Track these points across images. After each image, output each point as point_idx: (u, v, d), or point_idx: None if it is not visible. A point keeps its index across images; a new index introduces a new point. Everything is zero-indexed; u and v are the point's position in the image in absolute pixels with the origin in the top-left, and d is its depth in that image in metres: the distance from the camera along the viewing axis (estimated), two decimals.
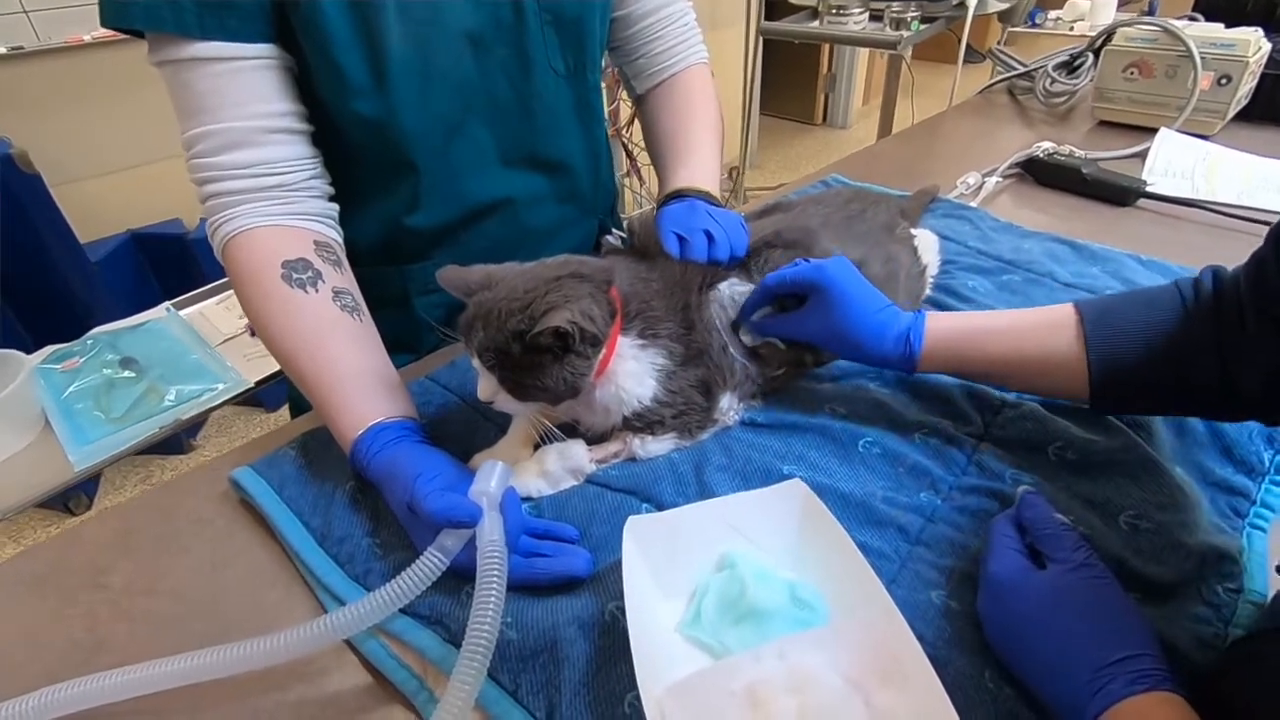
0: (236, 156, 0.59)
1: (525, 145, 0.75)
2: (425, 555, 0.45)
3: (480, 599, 0.42)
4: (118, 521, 0.61)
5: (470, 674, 0.40)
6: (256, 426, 2.08)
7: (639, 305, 0.57)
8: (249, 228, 0.60)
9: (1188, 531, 0.50)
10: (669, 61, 0.84)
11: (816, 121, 4.08)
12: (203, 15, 0.56)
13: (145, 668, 0.43)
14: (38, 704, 0.42)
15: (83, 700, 0.43)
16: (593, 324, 0.51)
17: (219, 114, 0.58)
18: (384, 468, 0.53)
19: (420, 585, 0.44)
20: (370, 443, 0.55)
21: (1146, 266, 0.82)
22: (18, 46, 1.59)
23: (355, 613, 0.44)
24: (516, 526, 0.49)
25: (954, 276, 0.81)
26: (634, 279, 0.59)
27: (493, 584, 0.43)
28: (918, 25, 2.12)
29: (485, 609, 0.42)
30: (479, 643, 0.41)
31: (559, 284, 0.52)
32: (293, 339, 0.59)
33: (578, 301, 0.51)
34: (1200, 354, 0.50)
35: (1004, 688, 0.42)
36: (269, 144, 0.60)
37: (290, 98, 0.62)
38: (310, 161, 0.64)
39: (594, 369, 0.54)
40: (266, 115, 0.60)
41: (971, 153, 1.18)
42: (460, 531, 0.46)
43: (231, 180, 0.60)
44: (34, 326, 1.62)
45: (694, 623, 0.46)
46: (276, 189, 0.61)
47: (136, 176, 1.85)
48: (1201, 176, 1.03)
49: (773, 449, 0.59)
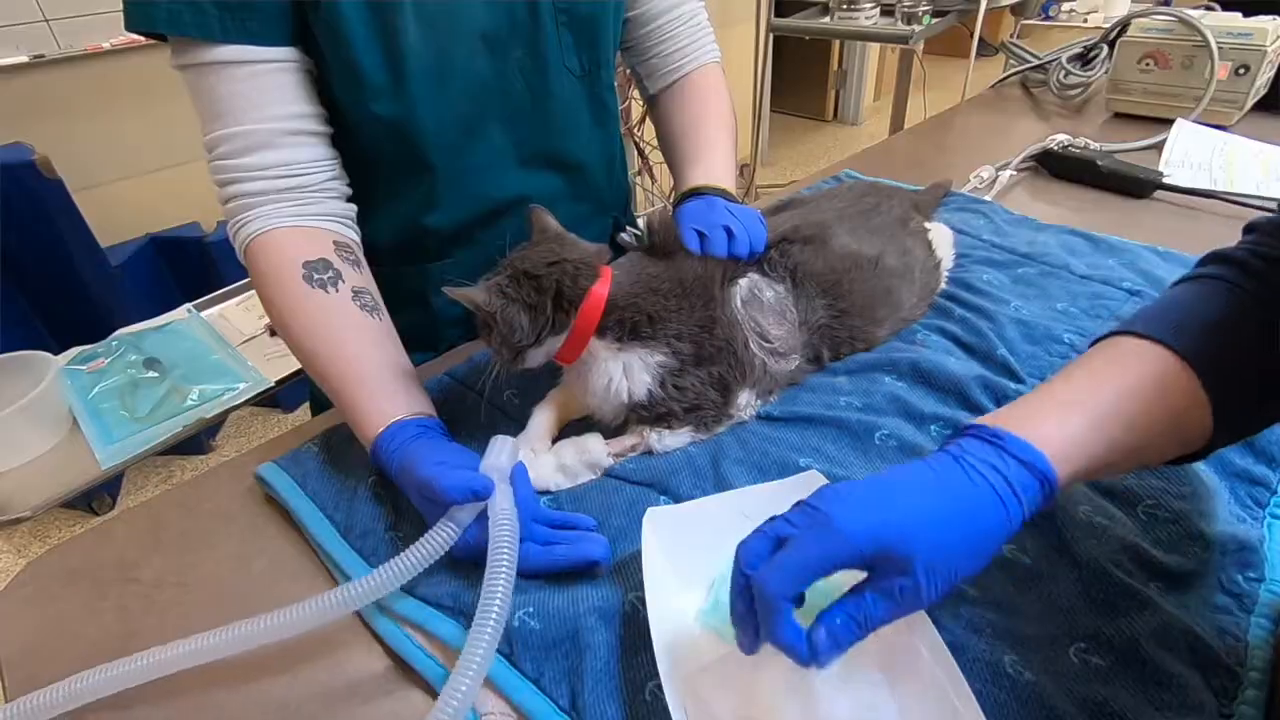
0: (257, 159, 0.60)
1: (541, 144, 0.76)
2: (437, 526, 0.48)
3: (493, 561, 0.44)
4: (146, 518, 0.62)
5: (486, 634, 0.41)
6: (274, 427, 2.11)
7: (629, 314, 0.58)
8: (270, 229, 0.61)
9: (1206, 521, 0.50)
10: (682, 61, 0.85)
11: (827, 118, 4.07)
12: (224, 19, 0.57)
13: (172, 647, 0.45)
14: (67, 692, 0.44)
15: (107, 687, 0.45)
16: (510, 328, 0.55)
17: (240, 117, 0.59)
18: (403, 461, 0.54)
19: (431, 556, 0.47)
20: (390, 439, 0.56)
21: (1164, 258, 0.82)
22: (39, 55, 1.62)
23: (369, 584, 0.46)
24: (526, 499, 0.52)
25: (969, 270, 0.81)
26: (636, 285, 0.59)
27: (504, 550, 0.45)
28: (929, 19, 2.11)
29: (498, 572, 0.44)
30: (492, 605, 0.43)
31: (518, 279, 0.56)
32: (314, 339, 0.60)
33: (510, 303, 0.55)
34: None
35: (1024, 673, 0.42)
36: (289, 146, 0.61)
37: (310, 100, 0.63)
38: (329, 163, 0.65)
39: (524, 352, 0.57)
40: (287, 118, 0.61)
41: (985, 147, 1.18)
42: (472, 505, 0.48)
43: (252, 182, 0.61)
44: (58, 329, 1.65)
45: (713, 611, 0.47)
46: (296, 190, 0.62)
47: (156, 181, 1.87)
48: (1220, 167, 1.03)
49: (789, 442, 0.60)
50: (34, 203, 1.49)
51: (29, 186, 1.47)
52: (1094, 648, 0.43)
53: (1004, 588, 0.47)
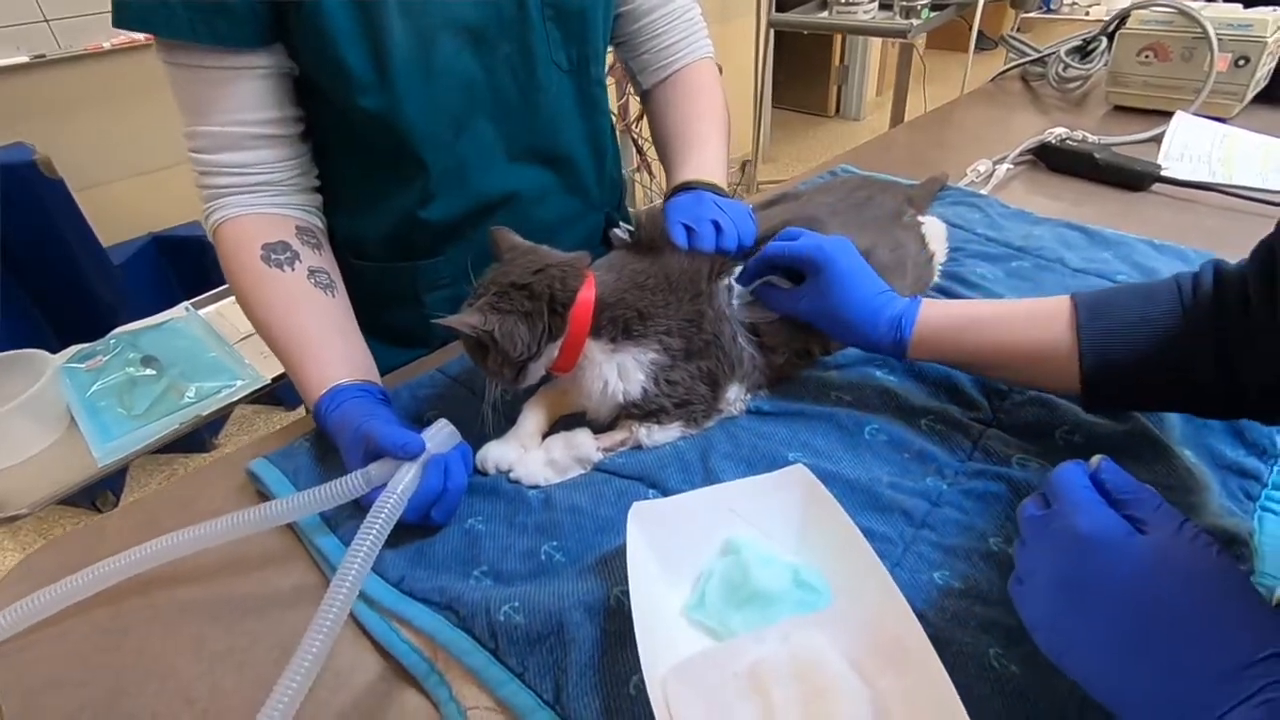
0: (226, 157, 0.64)
1: (530, 140, 0.76)
2: (351, 475, 0.51)
3: (359, 537, 0.46)
4: (141, 514, 0.63)
5: (336, 604, 0.44)
6: (276, 424, 2.11)
7: (620, 311, 0.58)
8: (236, 215, 0.65)
9: (1196, 514, 0.49)
10: (674, 56, 0.85)
11: (829, 113, 4.05)
12: (194, 21, 0.58)
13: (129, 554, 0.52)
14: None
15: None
16: (511, 341, 0.55)
17: (210, 117, 0.62)
18: (340, 419, 0.58)
19: (335, 500, 0.51)
20: (330, 400, 0.59)
21: (1160, 251, 0.81)
22: (40, 55, 1.62)
23: (275, 509, 0.52)
24: (458, 483, 0.54)
25: (962, 264, 0.80)
26: (621, 282, 0.60)
27: (374, 527, 0.47)
28: (928, 13, 2.10)
29: (364, 539, 0.46)
30: (346, 575, 0.45)
31: (506, 293, 0.56)
32: (268, 311, 0.64)
33: (505, 317, 0.55)
34: (1198, 351, 0.48)
35: (1009, 666, 0.42)
36: (257, 148, 0.65)
37: (280, 103, 0.65)
38: (296, 161, 0.68)
39: (525, 366, 0.57)
40: (255, 123, 0.64)
41: (984, 140, 1.17)
42: (387, 468, 0.51)
43: (222, 176, 0.65)
44: (60, 327, 1.66)
45: (698, 606, 0.47)
46: (263, 185, 0.66)
47: (156, 180, 1.88)
48: (1219, 160, 1.02)
49: (779, 436, 0.60)
50: (35, 202, 1.50)
51: (30, 186, 1.48)
52: None
53: (989, 580, 0.47)
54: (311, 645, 0.42)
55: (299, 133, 0.68)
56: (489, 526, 0.55)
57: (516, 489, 0.58)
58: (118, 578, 0.52)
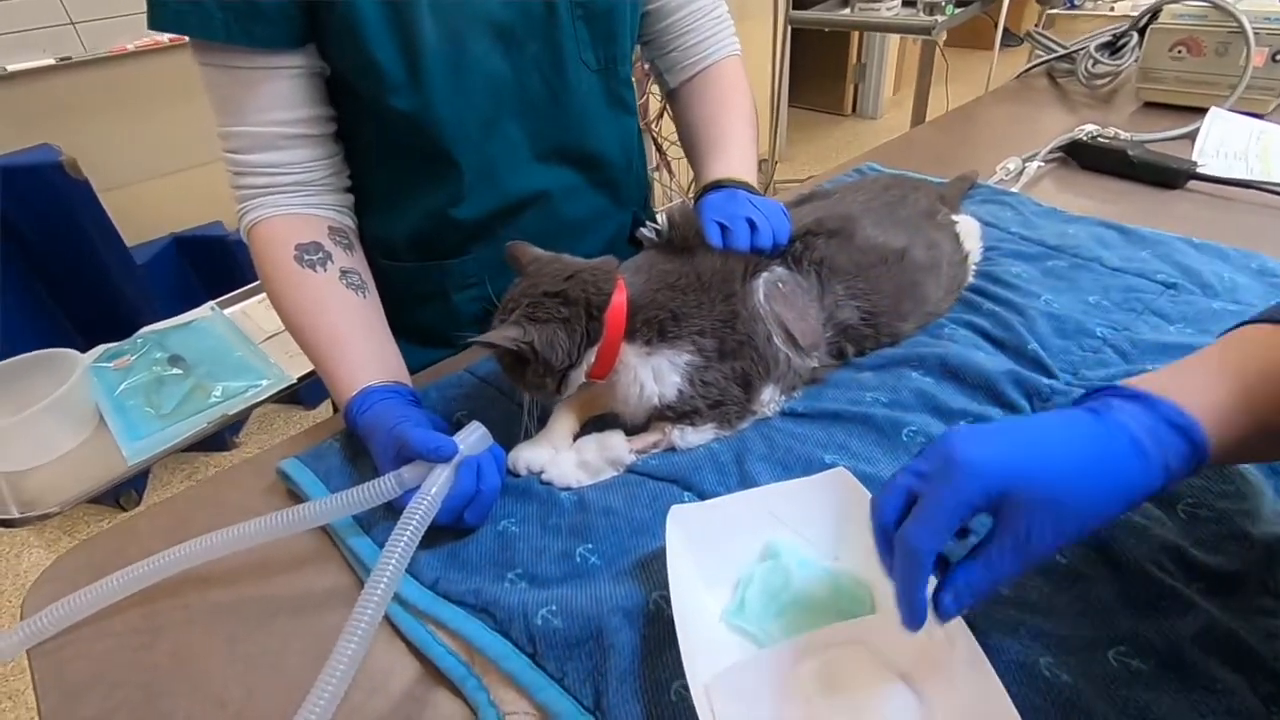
0: (260, 158, 0.64)
1: (558, 139, 0.75)
2: (384, 477, 0.50)
3: (393, 538, 0.46)
4: (169, 515, 0.63)
5: (373, 602, 0.43)
6: (296, 424, 2.13)
7: (653, 312, 0.58)
8: (270, 216, 0.65)
9: (1250, 521, 0.48)
10: (702, 54, 0.84)
11: (846, 112, 4.02)
12: (229, 23, 0.58)
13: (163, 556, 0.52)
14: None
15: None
16: (552, 350, 0.54)
17: (244, 118, 0.63)
18: (371, 421, 0.57)
19: (368, 502, 0.50)
20: (361, 401, 0.59)
21: (1199, 250, 0.79)
22: (65, 57, 1.64)
23: (309, 511, 0.51)
24: (492, 485, 0.54)
25: (997, 264, 0.79)
26: (652, 283, 0.59)
27: (408, 529, 0.46)
28: (952, 9, 2.08)
29: (397, 542, 0.46)
30: (380, 577, 0.44)
31: (540, 302, 0.55)
32: (300, 313, 0.64)
33: (544, 326, 0.54)
34: None
35: (1061, 675, 0.41)
36: (290, 148, 0.65)
37: (314, 102, 0.65)
38: (329, 160, 0.69)
39: (566, 375, 0.56)
40: (289, 122, 0.64)
41: (1011, 138, 1.15)
42: (420, 471, 0.50)
43: (256, 176, 0.65)
44: (85, 327, 1.68)
45: (738, 612, 0.46)
46: (296, 185, 0.66)
47: (180, 181, 1.90)
48: (1256, 156, 1.00)
49: (814, 438, 0.59)
50: (61, 203, 1.52)
51: (56, 187, 1.50)
52: (1133, 651, 0.42)
53: (1040, 588, 0.46)
54: (346, 648, 0.42)
55: (332, 132, 0.68)
56: (522, 528, 0.55)
57: (549, 490, 0.58)
58: (154, 578, 0.52)
